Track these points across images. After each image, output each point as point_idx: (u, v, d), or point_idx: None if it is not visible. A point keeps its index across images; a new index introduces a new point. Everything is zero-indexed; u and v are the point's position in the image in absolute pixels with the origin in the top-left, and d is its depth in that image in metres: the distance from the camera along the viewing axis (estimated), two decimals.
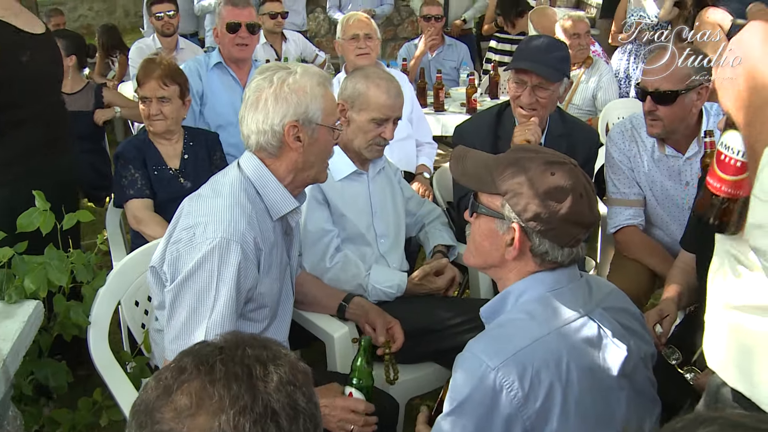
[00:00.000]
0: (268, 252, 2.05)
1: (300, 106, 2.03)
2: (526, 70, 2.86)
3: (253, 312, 2.09)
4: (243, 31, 3.96)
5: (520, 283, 1.71)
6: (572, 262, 1.71)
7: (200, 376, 1.02)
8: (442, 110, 5.21)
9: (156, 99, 3.18)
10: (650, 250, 3.01)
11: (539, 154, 1.71)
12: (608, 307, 1.74)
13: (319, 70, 2.16)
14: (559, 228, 1.63)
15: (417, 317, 2.65)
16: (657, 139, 2.97)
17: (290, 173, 2.10)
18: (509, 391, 1.51)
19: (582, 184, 1.65)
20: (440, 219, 3.11)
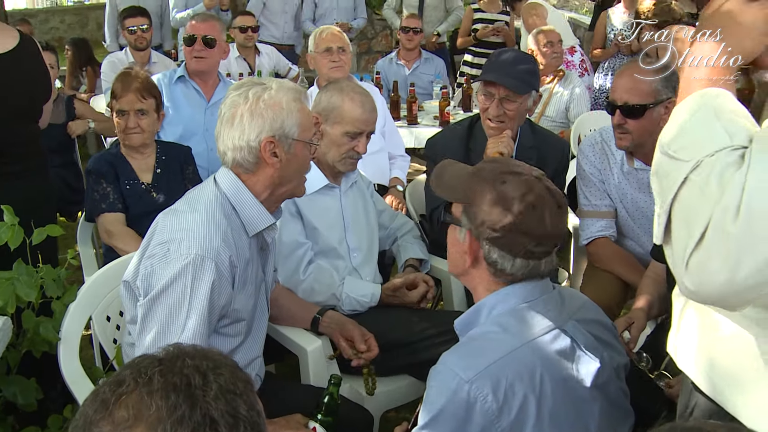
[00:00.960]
0: (243, 269, 2.05)
1: (276, 121, 2.03)
2: (494, 83, 2.89)
3: (227, 327, 2.08)
4: (198, 44, 3.97)
5: (493, 297, 1.73)
6: (531, 275, 1.69)
7: (138, 388, 1.02)
8: (415, 123, 5.24)
9: (134, 112, 3.17)
10: (622, 261, 3.05)
11: (500, 165, 1.75)
12: (581, 319, 1.75)
13: (294, 85, 2.16)
14: (506, 237, 1.65)
15: (391, 330, 2.65)
16: (626, 152, 3.01)
17: (267, 189, 2.09)
18: (483, 403, 1.53)
19: (536, 196, 1.64)
20: (412, 232, 3.13)
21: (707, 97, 1.26)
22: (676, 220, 1.21)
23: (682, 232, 1.19)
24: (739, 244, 1.09)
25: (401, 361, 2.65)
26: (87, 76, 6.80)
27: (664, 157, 1.25)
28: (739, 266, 1.10)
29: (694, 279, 1.16)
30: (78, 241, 3.32)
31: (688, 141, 1.22)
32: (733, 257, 1.10)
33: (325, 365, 2.50)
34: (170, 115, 3.95)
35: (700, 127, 1.22)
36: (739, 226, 1.09)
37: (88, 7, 13.30)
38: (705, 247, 1.13)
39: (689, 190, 1.18)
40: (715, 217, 1.12)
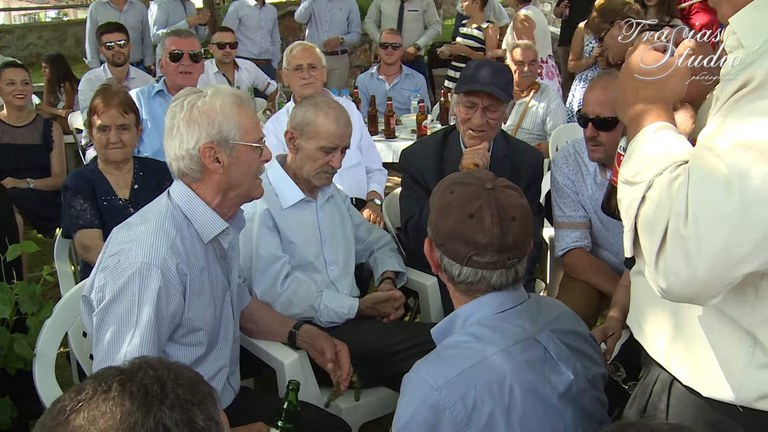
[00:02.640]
0: (196, 276, 2.05)
1: (212, 126, 2.03)
2: (477, 93, 2.92)
3: (186, 337, 2.08)
4: (185, 59, 4.06)
5: (467, 307, 1.75)
6: (501, 286, 1.72)
7: (96, 395, 1.04)
8: (392, 137, 5.28)
9: (116, 127, 3.19)
10: (597, 271, 3.08)
11: (458, 176, 1.80)
12: (557, 329, 1.77)
13: (233, 90, 2.16)
14: (446, 244, 1.71)
15: (369, 342, 2.67)
16: (598, 164, 3.05)
17: (217, 195, 2.10)
18: (452, 410, 1.56)
19: (478, 206, 1.66)
20: (389, 245, 3.15)
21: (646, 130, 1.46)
22: (641, 232, 1.37)
23: (646, 243, 1.35)
24: (693, 244, 1.24)
25: (379, 373, 2.66)
26: (65, 92, 6.77)
27: (625, 186, 1.44)
28: (698, 263, 1.25)
29: (663, 281, 1.31)
30: (55, 257, 3.32)
31: (638, 167, 1.41)
32: (690, 256, 1.25)
33: (303, 378, 2.50)
34: (149, 129, 4.04)
35: (648, 154, 1.41)
36: (690, 229, 1.24)
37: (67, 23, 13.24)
38: (666, 251, 1.29)
39: (647, 206, 1.35)
40: (670, 224, 1.28)
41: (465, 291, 1.76)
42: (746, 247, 1.22)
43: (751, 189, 1.20)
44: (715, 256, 1.23)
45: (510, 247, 1.68)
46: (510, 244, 1.68)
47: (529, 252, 1.78)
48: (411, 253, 3.23)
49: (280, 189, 2.79)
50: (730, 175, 1.22)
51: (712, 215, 1.23)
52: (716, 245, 1.23)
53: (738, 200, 1.21)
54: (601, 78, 2.95)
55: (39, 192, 4.73)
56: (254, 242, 2.67)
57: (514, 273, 1.73)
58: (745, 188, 1.21)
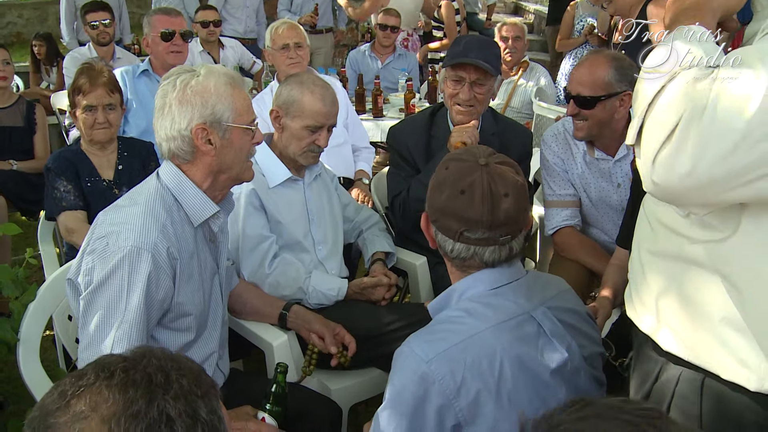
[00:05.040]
0: (186, 261, 2.02)
1: (205, 107, 1.99)
2: (465, 67, 2.87)
3: (174, 322, 2.05)
4: (177, 39, 4.03)
5: (463, 282, 1.76)
6: (474, 261, 1.71)
7: (98, 381, 1.02)
8: (380, 116, 5.23)
9: (102, 107, 3.14)
10: (587, 250, 3.07)
11: (456, 152, 1.81)
12: (554, 306, 1.76)
13: (227, 69, 2.12)
14: (440, 220, 1.72)
15: (358, 323, 2.64)
16: (586, 143, 3.03)
17: (208, 177, 2.07)
18: (441, 383, 1.57)
19: (469, 182, 1.66)
20: (378, 225, 3.12)
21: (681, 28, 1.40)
22: (650, 122, 1.33)
23: (653, 131, 1.31)
24: (702, 139, 1.22)
25: (369, 354, 2.64)
26: (58, 70, 6.65)
27: (641, 78, 1.39)
28: (701, 159, 1.23)
29: (660, 172, 1.29)
30: (39, 239, 3.27)
31: (665, 58, 1.34)
32: (695, 150, 1.23)
33: (292, 360, 2.48)
34: (134, 109, 3.98)
35: (680, 45, 1.34)
36: (703, 124, 1.22)
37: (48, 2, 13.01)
38: (672, 142, 1.26)
39: (665, 96, 1.31)
40: (684, 116, 1.25)
41: (460, 266, 1.76)
42: (753, 156, 1.20)
43: None
44: (721, 156, 1.21)
45: (501, 224, 1.67)
46: (501, 220, 1.67)
47: (527, 228, 1.77)
48: (400, 232, 3.21)
49: (266, 168, 2.75)
50: (763, 82, 1.18)
51: (730, 116, 1.20)
52: (725, 145, 1.20)
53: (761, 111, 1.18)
54: (590, 56, 2.92)
55: (22, 174, 4.66)
56: (240, 222, 2.64)
57: (507, 250, 1.72)
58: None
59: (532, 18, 10.96)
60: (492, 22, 8.97)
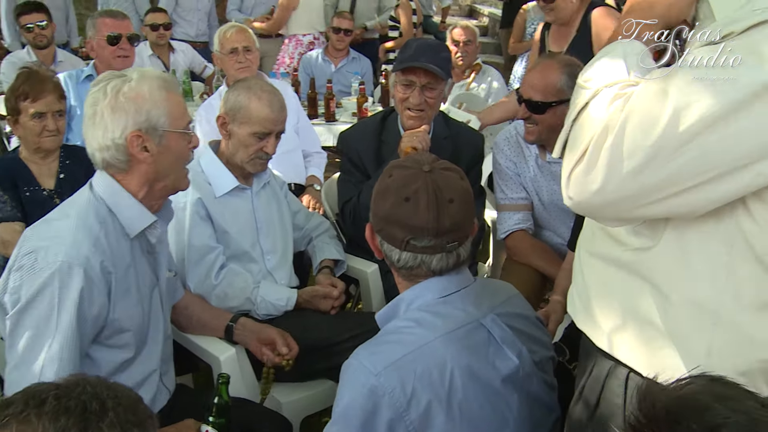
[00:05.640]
0: (122, 274, 1.94)
1: (139, 114, 1.91)
2: (415, 71, 2.83)
3: (112, 339, 1.95)
4: (124, 43, 3.91)
5: (410, 291, 1.73)
6: (421, 270, 1.68)
7: (27, 409, 0.97)
8: (333, 120, 5.16)
9: (52, 113, 3.02)
10: (539, 253, 3.05)
11: (399, 160, 1.80)
12: (503, 312, 1.74)
13: (160, 73, 2.05)
14: (384, 229, 1.70)
15: (308, 334, 2.58)
16: (538, 146, 3.02)
17: (144, 186, 1.98)
18: (391, 396, 1.54)
19: (414, 189, 1.64)
20: (328, 232, 3.07)
21: (619, 43, 1.42)
22: (572, 137, 1.35)
23: (571, 148, 1.34)
24: (611, 157, 1.24)
25: (319, 366, 2.59)
26: None
27: (577, 87, 1.40)
28: (610, 177, 1.25)
29: (573, 188, 1.31)
30: None
31: (594, 73, 1.37)
32: (605, 169, 1.25)
33: (240, 374, 2.41)
34: (78, 116, 3.86)
35: (606, 63, 1.37)
36: (613, 142, 1.23)
37: None
38: (584, 160, 1.28)
39: (586, 113, 1.33)
40: (596, 134, 1.27)
41: (407, 276, 1.73)
42: (662, 174, 1.21)
43: (684, 124, 1.18)
44: (630, 174, 1.23)
45: (447, 231, 1.65)
46: (447, 227, 1.65)
47: (473, 235, 1.75)
48: (351, 239, 3.15)
49: (212, 176, 2.68)
50: (670, 103, 1.19)
51: (636, 136, 1.21)
52: (634, 164, 1.22)
53: (668, 132, 1.19)
54: (543, 61, 2.91)
55: None
56: (186, 233, 2.56)
57: (455, 257, 1.71)
58: (679, 121, 1.18)
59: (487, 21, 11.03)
60: (446, 24, 8.98)
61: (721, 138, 1.17)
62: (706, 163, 1.19)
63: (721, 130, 1.16)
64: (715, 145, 1.17)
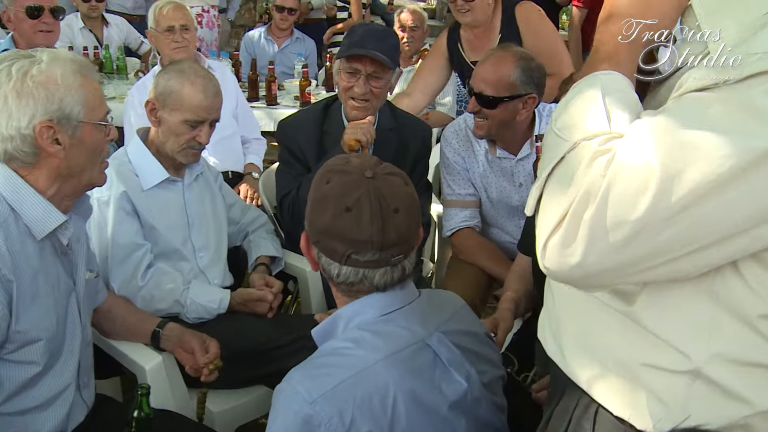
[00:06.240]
0: (28, 281, 1.73)
1: (51, 101, 1.70)
2: (360, 59, 2.65)
3: (18, 352, 1.75)
4: (47, 16, 3.59)
5: (349, 307, 1.58)
6: (363, 286, 1.54)
7: None
8: (274, 104, 4.95)
9: None
10: (486, 253, 2.94)
11: (334, 163, 1.60)
12: (449, 330, 1.61)
13: (74, 55, 1.84)
14: (322, 241, 1.54)
15: (243, 337, 2.42)
16: (488, 141, 2.90)
17: (54, 183, 1.78)
18: (328, 426, 1.40)
19: (356, 198, 1.48)
20: (266, 227, 2.89)
21: (597, 78, 1.23)
22: (547, 197, 1.20)
23: (546, 212, 1.19)
24: (591, 230, 1.09)
25: (255, 372, 2.42)
26: None
27: (551, 133, 1.22)
28: (590, 251, 1.10)
29: (550, 259, 1.17)
30: None
31: (571, 120, 1.19)
32: (584, 242, 1.10)
33: (168, 384, 2.24)
34: None
35: (584, 108, 1.19)
36: (594, 213, 1.08)
37: None
38: (562, 230, 1.13)
39: (563, 169, 1.16)
40: (575, 202, 1.11)
41: (346, 291, 1.58)
42: (648, 248, 1.08)
43: (675, 194, 1.03)
44: (613, 249, 1.09)
45: (393, 243, 1.51)
46: (393, 239, 1.50)
47: (418, 244, 1.61)
48: (289, 234, 2.97)
49: (140, 168, 2.47)
50: (658, 170, 1.04)
51: (620, 208, 1.06)
52: (617, 238, 1.07)
53: (657, 204, 1.04)
54: (496, 53, 2.77)
55: None
56: (110, 229, 2.36)
57: (400, 270, 1.56)
58: (669, 192, 1.03)
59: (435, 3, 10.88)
60: (394, 6, 8.81)
61: (716, 207, 1.03)
62: (699, 232, 1.06)
63: (716, 199, 1.03)
64: (710, 215, 1.04)
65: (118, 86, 5.00)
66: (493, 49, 2.85)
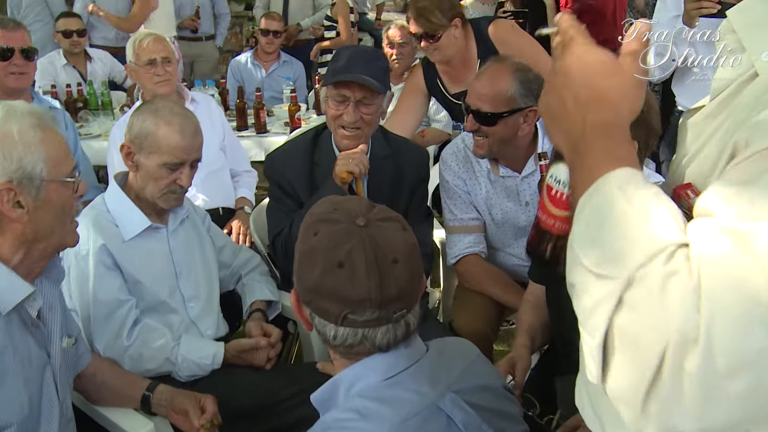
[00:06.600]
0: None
1: (9, 161, 1.56)
2: (348, 85, 2.47)
3: None
4: (17, 58, 3.41)
5: (350, 371, 1.41)
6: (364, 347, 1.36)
7: None
8: (264, 131, 4.78)
9: None
10: (493, 280, 2.77)
11: (321, 209, 1.41)
12: (463, 388, 1.44)
13: (31, 107, 1.69)
14: (314, 301, 1.35)
15: (240, 393, 2.25)
16: (489, 160, 2.73)
17: (18, 250, 1.63)
18: None
19: (348, 251, 1.30)
20: (259, 268, 2.71)
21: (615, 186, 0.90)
22: (618, 354, 0.87)
23: (628, 370, 0.86)
24: (701, 384, 0.77)
25: (260, 429, 2.24)
26: None
27: (580, 268, 0.90)
28: (711, 413, 0.79)
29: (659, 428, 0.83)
30: None
31: (607, 250, 0.86)
32: (699, 402, 0.79)
33: None
34: None
35: (618, 230, 0.86)
36: (700, 361, 0.77)
37: None
38: (662, 390, 0.80)
39: (627, 316, 0.83)
40: (669, 350, 0.79)
41: (345, 354, 1.41)
42: None
43: None
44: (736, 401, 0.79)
45: (394, 299, 1.33)
46: (393, 294, 1.33)
47: (422, 293, 1.43)
48: (284, 274, 2.79)
49: (120, 217, 2.31)
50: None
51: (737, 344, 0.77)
52: (738, 388, 0.78)
53: None
54: (491, 66, 2.61)
55: None
56: (91, 287, 2.19)
57: (404, 327, 1.38)
58: None
59: None
60: (382, 21, 8.68)
61: None
62: None
63: None
64: None
65: (103, 123, 4.85)
66: (488, 63, 2.69)
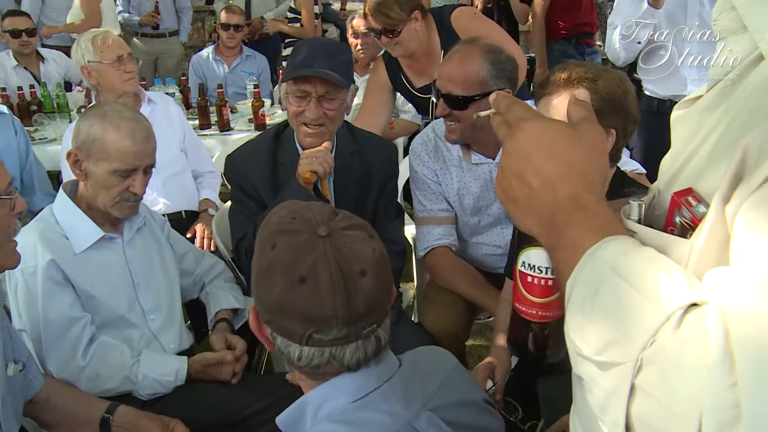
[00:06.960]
0: None
1: None
2: (309, 80, 2.33)
3: None
4: None
5: (317, 392, 1.29)
6: (331, 367, 1.25)
7: None
8: (227, 129, 4.63)
9: None
10: (463, 276, 2.65)
11: (280, 218, 1.28)
12: (439, 405, 1.33)
13: None
14: (275, 320, 1.23)
15: (207, 409, 2.14)
16: (461, 146, 2.62)
17: None
18: None
19: (315, 263, 1.18)
20: (223, 275, 2.58)
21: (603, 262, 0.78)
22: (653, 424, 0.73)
23: None
24: None
25: None
26: None
27: (581, 360, 0.79)
28: None
29: None
30: None
31: (607, 334, 0.75)
32: None
33: None
34: None
35: (615, 308, 0.74)
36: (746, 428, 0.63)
37: None
38: None
39: (644, 403, 0.72)
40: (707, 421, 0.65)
41: (311, 375, 1.28)
42: None
43: None
44: None
45: (362, 314, 1.21)
46: (362, 310, 1.20)
47: (392, 303, 1.31)
48: (250, 279, 2.66)
49: (70, 228, 2.16)
50: None
51: None
52: None
53: None
54: (461, 48, 2.51)
55: None
56: (40, 306, 2.05)
57: (374, 343, 1.26)
58: None
59: None
60: (347, 12, 8.53)
61: None
62: None
63: None
64: None
65: (58, 126, 4.65)
66: (457, 46, 2.58)
